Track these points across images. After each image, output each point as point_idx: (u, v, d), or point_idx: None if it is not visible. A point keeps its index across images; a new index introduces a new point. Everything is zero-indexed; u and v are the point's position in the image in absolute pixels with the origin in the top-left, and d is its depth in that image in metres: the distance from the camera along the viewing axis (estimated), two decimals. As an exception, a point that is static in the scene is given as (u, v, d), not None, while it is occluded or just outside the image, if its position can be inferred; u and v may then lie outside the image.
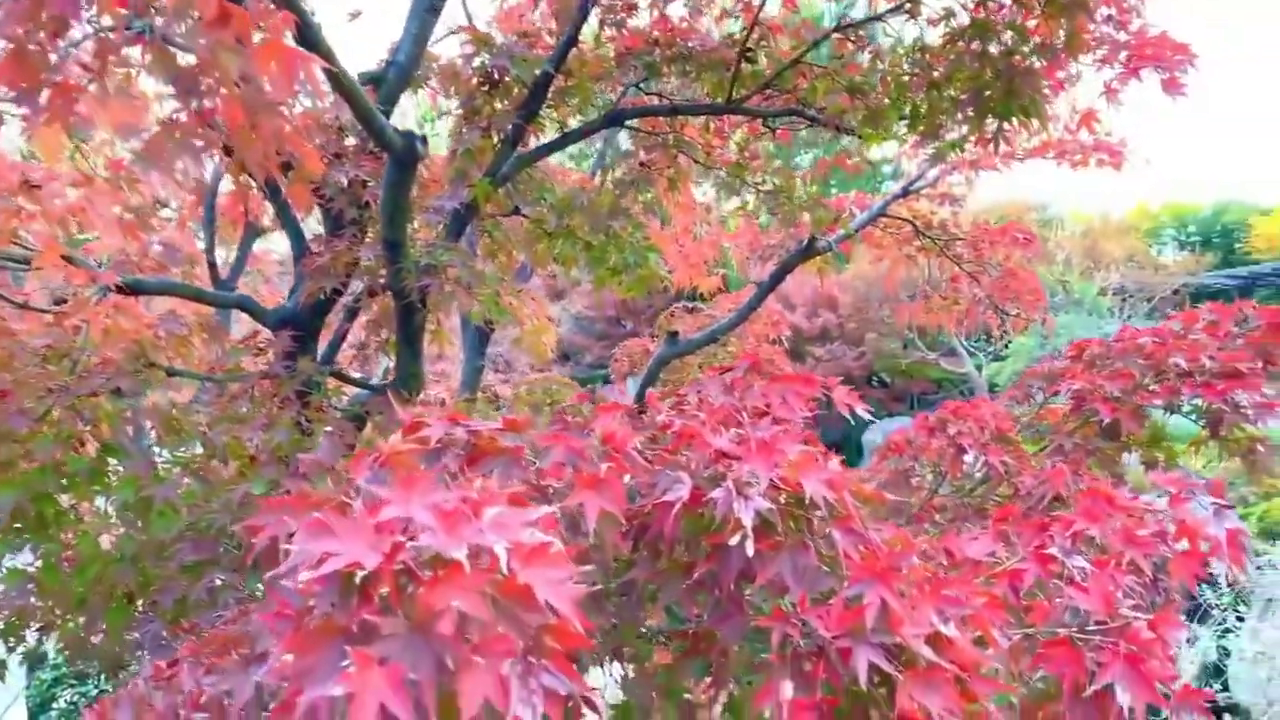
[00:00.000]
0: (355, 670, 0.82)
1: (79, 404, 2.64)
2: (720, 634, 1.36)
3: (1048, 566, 1.72)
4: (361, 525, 0.93)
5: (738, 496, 1.34)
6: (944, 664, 1.25)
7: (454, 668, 0.86)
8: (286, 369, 3.17)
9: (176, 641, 2.24)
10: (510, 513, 0.98)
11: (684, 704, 1.45)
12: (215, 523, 2.58)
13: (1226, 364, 2.80)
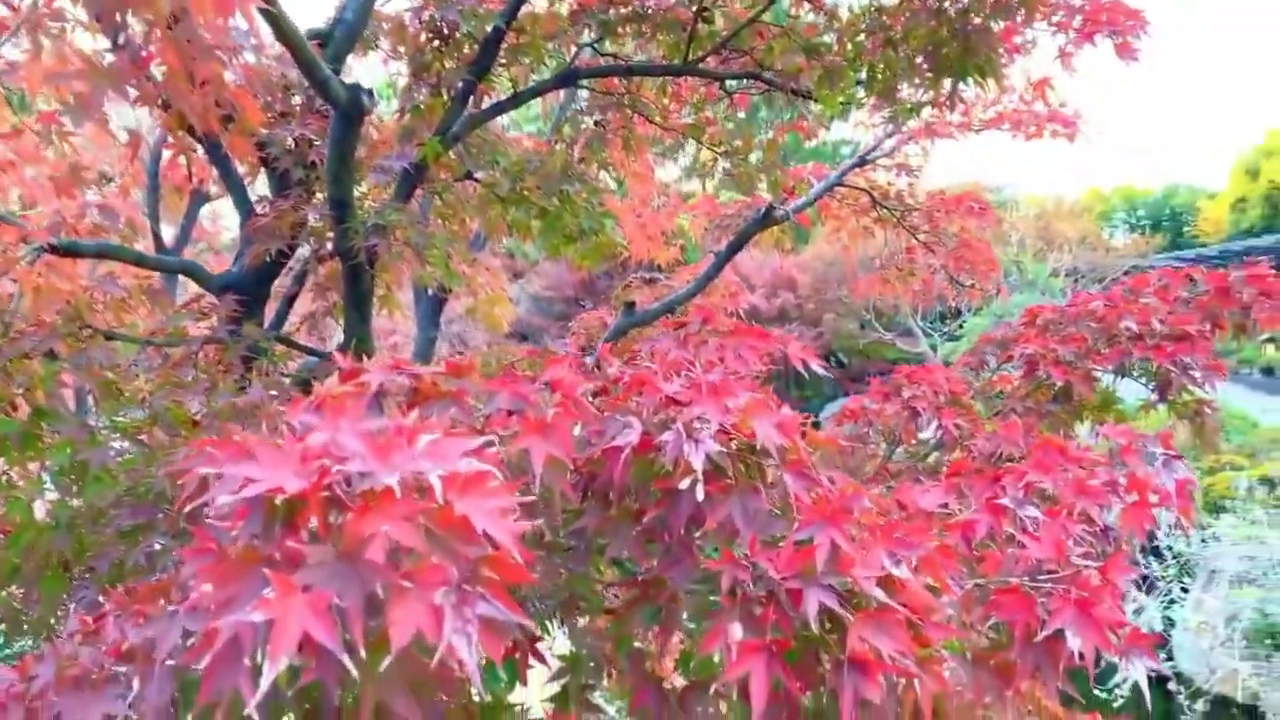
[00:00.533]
0: (276, 595, 0.78)
1: (11, 366, 2.55)
2: (669, 580, 1.33)
3: (1000, 517, 1.71)
4: (287, 452, 0.88)
5: (688, 440, 1.30)
6: (896, 606, 1.23)
7: (384, 596, 0.82)
8: (232, 334, 3.08)
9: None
10: (446, 441, 0.94)
11: (634, 653, 1.42)
12: (155, 487, 2.50)
13: (1176, 327, 2.83)
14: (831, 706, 1.43)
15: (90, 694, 1.17)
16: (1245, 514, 11.42)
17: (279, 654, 0.76)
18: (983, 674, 1.54)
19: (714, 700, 1.39)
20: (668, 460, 1.31)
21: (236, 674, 0.85)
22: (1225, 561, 10.87)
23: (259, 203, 3.49)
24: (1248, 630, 10.24)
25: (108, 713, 1.15)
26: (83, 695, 1.17)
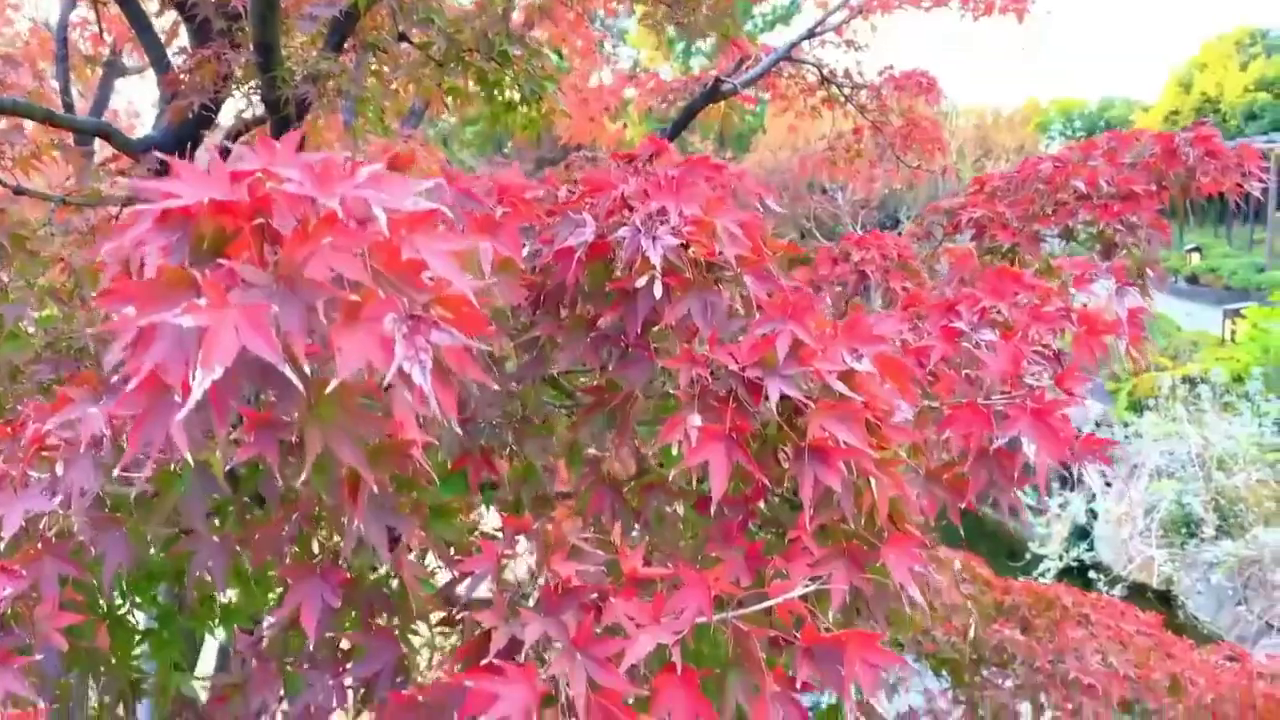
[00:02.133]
0: (208, 303, 0.71)
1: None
2: (625, 380, 1.29)
3: (954, 342, 1.70)
4: (216, 175, 0.79)
5: (645, 235, 1.25)
6: (856, 398, 1.21)
7: (327, 321, 0.75)
8: (153, 193, 2.91)
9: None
10: (391, 175, 0.86)
11: (589, 458, 1.39)
12: (76, 344, 2.39)
13: (1123, 187, 2.83)
14: (783, 509, 1.43)
15: (12, 494, 1.09)
16: (1167, 412, 11.86)
17: (212, 361, 0.70)
18: (936, 489, 1.54)
19: (669, 499, 1.37)
20: (624, 258, 1.25)
21: (166, 416, 0.78)
22: (1146, 456, 11.31)
23: (179, 53, 3.28)
24: (1164, 520, 10.73)
25: (32, 509, 1.08)
26: (4, 495, 1.09)
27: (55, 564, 1.07)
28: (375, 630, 1.16)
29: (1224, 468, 10.34)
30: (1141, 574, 10.28)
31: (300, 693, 1.15)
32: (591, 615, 1.03)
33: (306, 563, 1.13)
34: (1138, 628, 3.56)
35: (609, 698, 0.97)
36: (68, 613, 1.06)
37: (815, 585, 1.15)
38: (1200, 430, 10.85)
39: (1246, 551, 9.46)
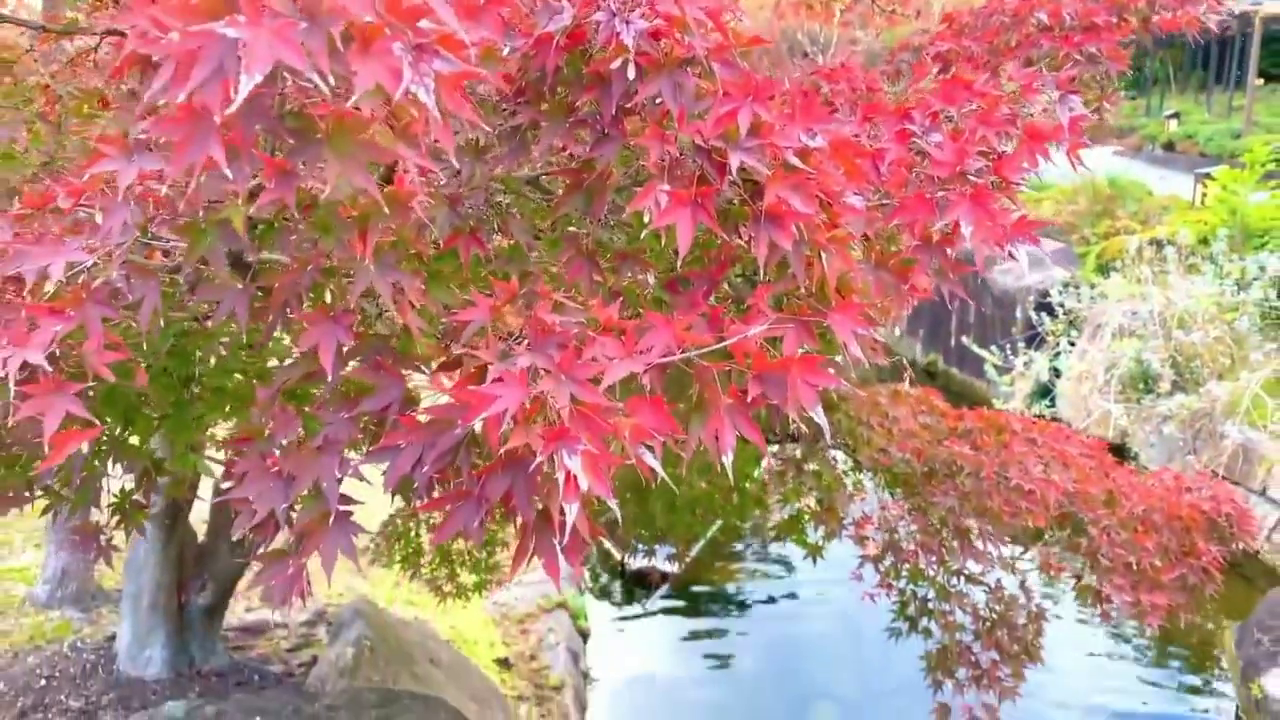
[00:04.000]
0: (246, 20, 0.83)
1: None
2: (600, 158, 1.42)
3: (906, 143, 1.83)
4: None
5: (619, 18, 1.35)
6: (809, 170, 1.35)
7: (344, 49, 0.88)
8: (133, 23, 2.94)
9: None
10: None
11: (569, 234, 1.53)
12: (71, 162, 2.48)
13: (1085, 19, 2.92)
14: (744, 287, 1.59)
15: (53, 244, 1.22)
16: (1132, 273, 12.10)
17: (254, 68, 0.82)
18: (884, 274, 1.70)
19: (642, 269, 1.52)
20: (599, 41, 1.36)
21: (207, 138, 0.91)
22: (1110, 316, 11.60)
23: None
24: (1123, 377, 11.10)
25: (72, 260, 1.21)
26: (45, 247, 1.22)
27: (98, 307, 1.21)
28: (383, 371, 1.32)
29: (1184, 326, 10.65)
30: (1099, 428, 10.71)
31: (318, 430, 1.31)
32: (573, 351, 1.20)
33: (322, 308, 1.28)
34: (1081, 450, 3.83)
35: (590, 409, 1.14)
36: (111, 351, 1.21)
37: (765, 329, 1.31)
38: (1163, 290, 11.12)
39: (1199, 405, 9.86)
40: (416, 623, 5.66)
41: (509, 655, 6.57)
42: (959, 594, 3.30)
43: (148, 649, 4.55)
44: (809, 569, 3.71)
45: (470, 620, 6.69)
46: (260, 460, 1.30)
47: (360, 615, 4.52)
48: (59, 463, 1.11)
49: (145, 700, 4.36)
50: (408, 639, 4.91)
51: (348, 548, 1.26)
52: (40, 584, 5.43)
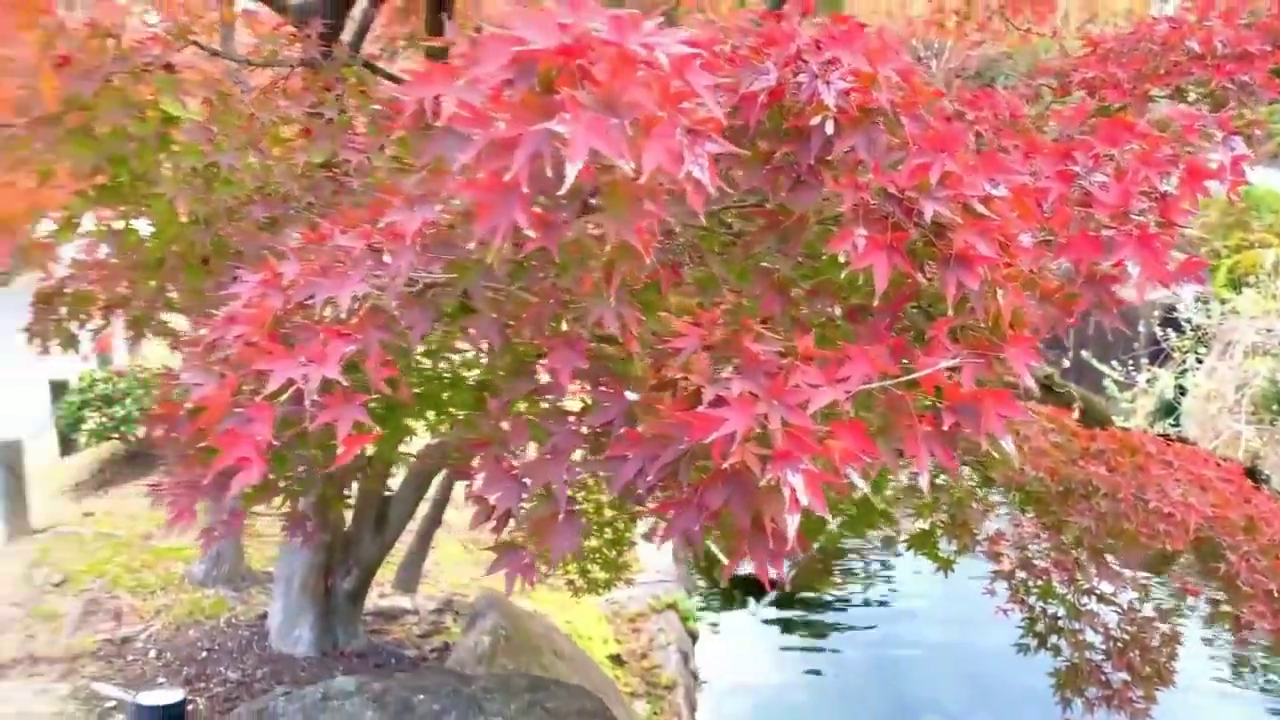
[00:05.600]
0: (570, 117, 1.01)
1: (137, 74, 2.72)
2: (796, 203, 1.57)
3: (1069, 184, 1.93)
4: (546, 22, 1.09)
5: (820, 80, 1.51)
6: (994, 217, 1.48)
7: (635, 135, 1.05)
8: (324, 55, 3.23)
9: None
10: (664, 28, 1.15)
11: (760, 270, 1.69)
12: (281, 189, 2.75)
13: (1237, 47, 2.93)
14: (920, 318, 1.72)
15: (339, 277, 1.44)
16: (1266, 289, 11.63)
17: (576, 156, 1.01)
18: (1048, 307, 1.81)
19: (830, 302, 1.68)
20: (801, 100, 1.52)
21: (511, 206, 1.10)
22: (1242, 333, 11.18)
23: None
24: (1256, 396, 10.69)
25: (356, 292, 1.43)
26: (332, 279, 1.45)
27: (377, 332, 1.42)
28: (607, 389, 1.50)
29: (1322, 345, 10.21)
30: (1228, 449, 10.33)
31: (546, 439, 1.50)
32: (781, 378, 1.36)
33: (560, 335, 1.47)
34: (1219, 474, 3.81)
35: (798, 432, 1.29)
36: (387, 367, 1.42)
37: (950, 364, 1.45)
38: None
39: (1336, 427, 9.44)
40: (539, 615, 5.91)
41: (621, 652, 6.76)
42: (1090, 613, 3.34)
43: (297, 628, 4.89)
44: (916, 582, 3.78)
45: (584, 616, 6.91)
46: (495, 463, 1.50)
47: (494, 606, 4.78)
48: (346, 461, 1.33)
49: (295, 676, 4.70)
50: (534, 630, 5.15)
51: (573, 542, 1.45)
52: (197, 563, 5.86)
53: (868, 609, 7.92)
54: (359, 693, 3.05)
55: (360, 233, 1.43)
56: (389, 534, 4.92)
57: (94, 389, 7.31)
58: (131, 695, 4.38)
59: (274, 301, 1.44)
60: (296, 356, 1.37)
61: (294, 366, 1.36)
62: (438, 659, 5.07)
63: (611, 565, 4.36)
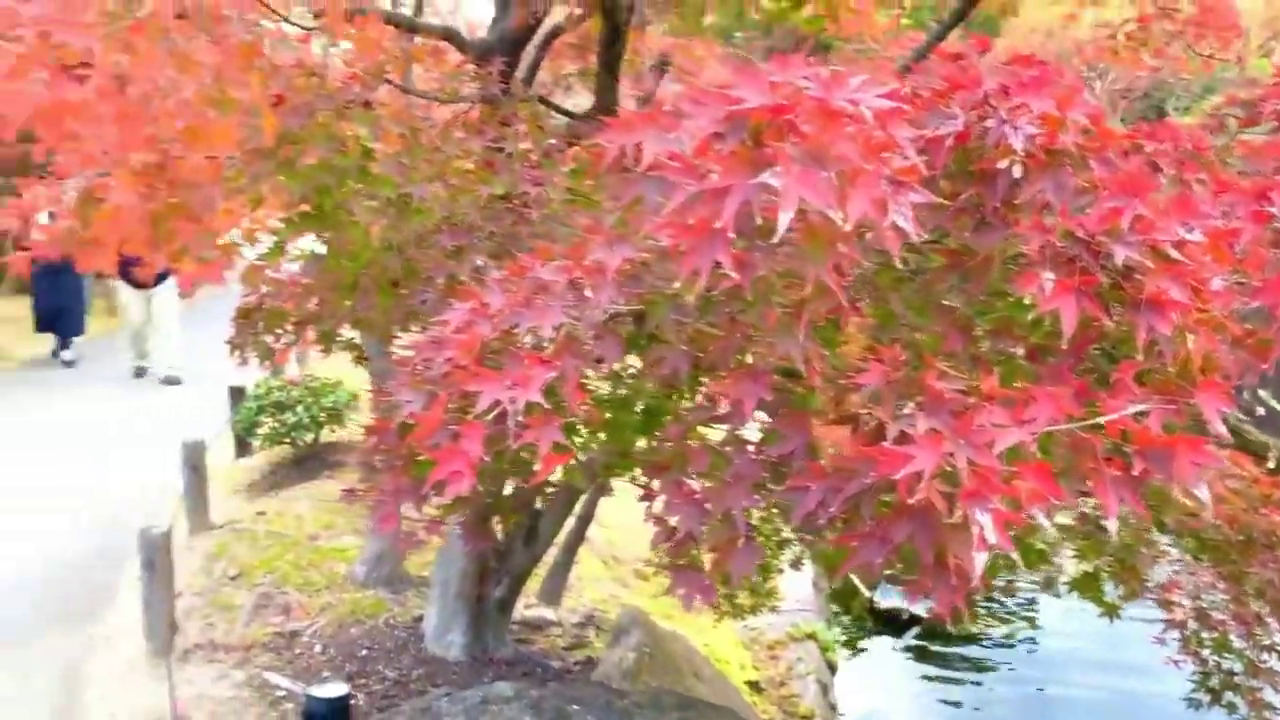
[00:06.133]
0: (782, 171, 1.09)
1: (340, 111, 2.97)
2: (980, 244, 1.60)
3: (1264, 224, 1.88)
4: (758, 81, 1.17)
5: (1008, 125, 1.53)
6: (1188, 262, 1.47)
7: (841, 185, 1.12)
8: (503, 92, 3.42)
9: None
10: (868, 82, 1.21)
11: (941, 309, 1.71)
12: (466, 218, 2.94)
13: None
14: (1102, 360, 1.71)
15: (541, 309, 1.56)
16: None
17: (788, 205, 1.08)
18: (1241, 351, 1.77)
19: (1013, 342, 1.69)
20: (988, 143, 1.55)
21: (715, 248, 1.18)
22: None
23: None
24: None
25: (557, 323, 1.54)
26: (535, 310, 1.56)
27: (574, 360, 1.53)
28: (789, 420, 1.56)
29: None
30: None
31: (724, 466, 1.58)
32: (967, 417, 1.38)
33: (745, 368, 1.54)
34: None
35: (985, 471, 1.32)
36: (581, 392, 1.52)
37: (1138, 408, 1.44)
38: None
39: None
40: (679, 636, 5.98)
41: (759, 679, 6.75)
42: (1270, 671, 3.16)
43: (450, 633, 5.11)
44: (1067, 621, 3.62)
45: (721, 640, 6.93)
46: (676, 486, 1.58)
47: (637, 623, 4.87)
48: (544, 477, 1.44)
49: (448, 678, 4.91)
50: (676, 651, 5.22)
51: (750, 566, 1.51)
52: (358, 565, 6.18)
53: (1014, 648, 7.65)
54: (517, 699, 3.18)
55: (562, 267, 1.54)
56: (538, 547, 5.09)
57: (269, 396, 7.81)
58: (301, 687, 4.68)
59: (482, 329, 1.57)
60: (503, 380, 1.49)
61: (500, 389, 1.48)
62: (582, 671, 5.20)
63: (758, 591, 4.39)
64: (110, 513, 7.14)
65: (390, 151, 3.02)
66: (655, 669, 4.61)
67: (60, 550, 6.47)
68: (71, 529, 6.82)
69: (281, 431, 7.72)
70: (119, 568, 6.25)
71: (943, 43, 5.13)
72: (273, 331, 3.69)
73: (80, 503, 7.31)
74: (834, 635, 7.46)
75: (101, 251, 3.14)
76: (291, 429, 7.74)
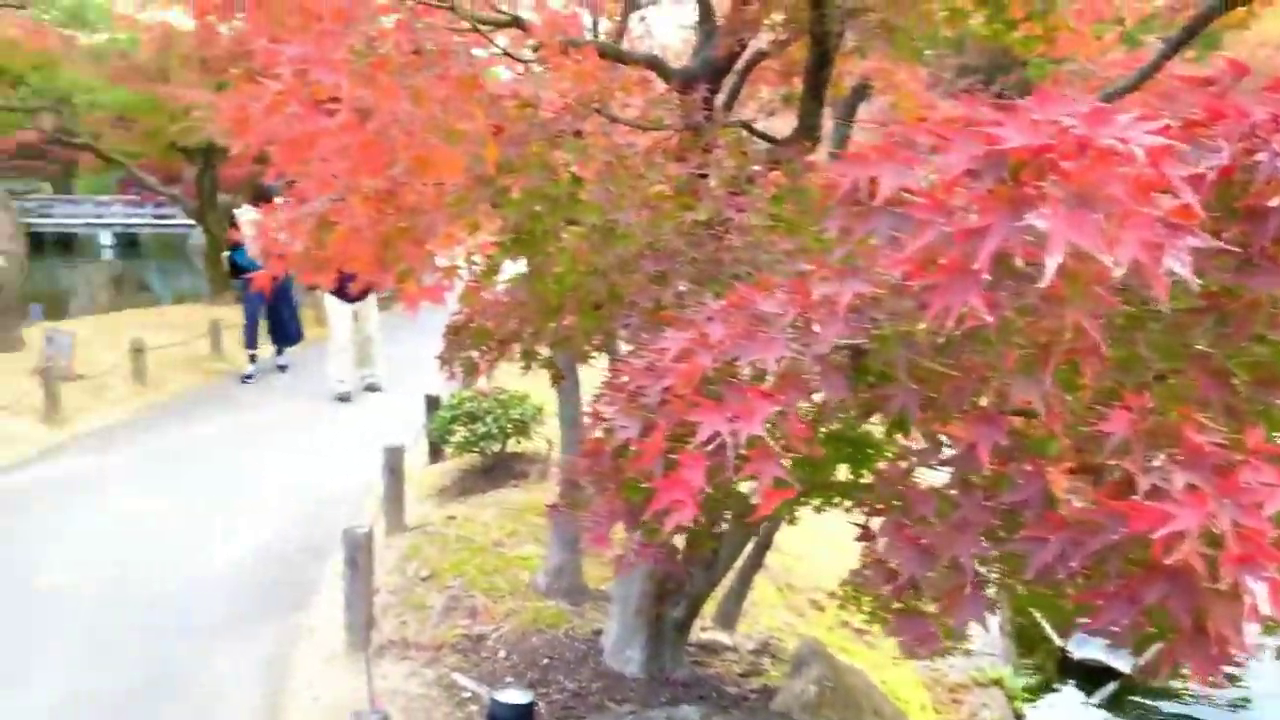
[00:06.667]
0: (1050, 210, 1.05)
1: (553, 140, 3.09)
2: (1246, 287, 1.48)
3: None
4: (1019, 118, 1.13)
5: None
6: None
7: (1111, 228, 1.06)
8: (707, 119, 3.46)
9: (655, 330, 2.67)
10: (1136, 121, 1.15)
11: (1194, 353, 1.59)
12: (669, 245, 2.98)
13: None
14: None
15: (765, 341, 1.55)
16: None
17: (1055, 250, 1.04)
18: None
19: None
20: (1259, 179, 1.43)
21: (967, 288, 1.14)
22: None
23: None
24: None
25: (781, 355, 1.53)
26: (758, 343, 1.56)
27: (796, 394, 1.52)
28: (1023, 467, 1.49)
29: None
30: None
31: (949, 511, 1.52)
32: (1233, 474, 1.28)
33: (983, 410, 1.49)
34: None
35: (1254, 534, 1.21)
36: (802, 427, 1.51)
37: None
38: None
39: None
40: (858, 671, 5.82)
41: (940, 723, 6.48)
42: None
43: (628, 649, 5.16)
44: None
45: (900, 679, 6.70)
46: (897, 529, 1.54)
47: (817, 655, 4.77)
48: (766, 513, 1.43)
49: (625, 695, 4.96)
50: (856, 686, 5.08)
51: (979, 616, 1.44)
52: (540, 574, 6.35)
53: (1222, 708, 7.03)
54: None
55: (789, 300, 1.53)
56: (718, 571, 5.08)
57: (462, 406, 8.17)
58: (486, 690, 4.85)
59: (703, 359, 1.58)
60: (723, 412, 1.49)
61: (721, 421, 1.48)
62: (759, 699, 5.14)
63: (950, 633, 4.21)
64: (314, 509, 7.66)
65: (596, 178, 3.11)
66: (835, 703, 4.50)
67: (270, 542, 6.98)
68: (281, 523, 7.35)
69: (472, 440, 8.05)
70: (322, 561, 6.68)
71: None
72: (478, 348, 3.87)
73: (289, 499, 7.89)
74: (1021, 683, 7.07)
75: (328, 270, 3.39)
76: (481, 438, 8.06)
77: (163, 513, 7.43)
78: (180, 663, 5.22)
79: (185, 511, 7.48)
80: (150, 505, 7.61)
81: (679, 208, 3.09)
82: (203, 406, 10.82)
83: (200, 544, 6.88)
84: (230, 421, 10.16)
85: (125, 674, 5.06)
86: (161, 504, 7.63)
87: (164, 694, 4.92)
